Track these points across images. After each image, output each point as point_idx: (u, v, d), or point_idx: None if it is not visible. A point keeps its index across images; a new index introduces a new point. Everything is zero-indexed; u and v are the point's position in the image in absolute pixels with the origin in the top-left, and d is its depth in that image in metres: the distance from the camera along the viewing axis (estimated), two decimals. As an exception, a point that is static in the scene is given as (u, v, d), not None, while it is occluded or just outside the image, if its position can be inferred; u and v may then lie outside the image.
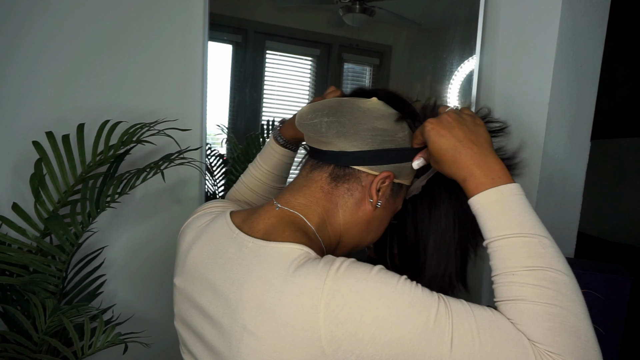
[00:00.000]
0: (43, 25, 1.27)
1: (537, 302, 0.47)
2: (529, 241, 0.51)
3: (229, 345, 0.53)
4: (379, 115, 0.60)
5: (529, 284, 0.48)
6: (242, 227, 0.60)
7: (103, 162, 1.18)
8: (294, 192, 0.63)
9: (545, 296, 0.48)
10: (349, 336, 0.46)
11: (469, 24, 1.30)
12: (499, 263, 0.51)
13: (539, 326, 0.46)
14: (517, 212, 0.53)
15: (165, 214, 1.44)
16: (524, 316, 0.47)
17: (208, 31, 1.39)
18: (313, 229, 0.59)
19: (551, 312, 0.47)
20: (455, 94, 1.36)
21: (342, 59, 1.52)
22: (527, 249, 0.50)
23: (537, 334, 0.46)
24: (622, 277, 1.01)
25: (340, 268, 0.49)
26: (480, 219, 0.54)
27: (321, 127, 0.60)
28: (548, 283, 0.48)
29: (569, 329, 0.47)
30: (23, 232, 1.13)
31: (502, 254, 0.51)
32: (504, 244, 0.51)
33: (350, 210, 0.61)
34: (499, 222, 0.53)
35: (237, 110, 1.48)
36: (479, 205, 0.54)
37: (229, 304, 0.54)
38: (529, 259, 0.50)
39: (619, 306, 1.01)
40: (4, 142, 1.27)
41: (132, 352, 1.11)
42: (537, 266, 0.49)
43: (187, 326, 0.63)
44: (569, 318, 0.47)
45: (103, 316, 1.09)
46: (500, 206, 0.53)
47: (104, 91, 1.34)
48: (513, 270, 0.50)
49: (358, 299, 0.47)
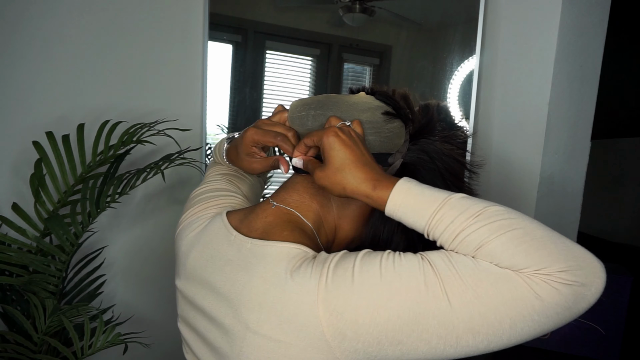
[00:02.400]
0: (43, 26, 1.27)
1: (499, 234, 0.46)
2: (453, 202, 0.50)
3: (233, 345, 0.53)
4: (365, 108, 0.61)
5: (482, 226, 0.47)
6: (240, 227, 0.61)
7: (103, 162, 1.18)
8: (288, 190, 0.64)
9: (501, 227, 0.46)
10: (351, 324, 0.47)
11: (469, 24, 1.30)
12: (445, 236, 0.50)
13: (515, 253, 0.45)
14: (422, 194, 0.52)
15: (166, 214, 1.44)
16: (497, 253, 0.46)
17: (208, 31, 1.39)
18: (310, 226, 0.60)
19: (516, 235, 0.46)
20: (455, 94, 1.36)
21: (342, 59, 1.52)
22: (457, 209, 0.49)
23: (517, 261, 0.45)
24: (622, 277, 1.01)
25: (332, 262, 0.50)
26: (405, 221, 0.53)
27: (307, 120, 0.61)
28: (496, 216, 0.47)
29: (541, 239, 0.46)
30: (23, 232, 1.13)
31: (441, 227, 0.50)
32: (437, 220, 0.50)
33: (343, 203, 0.63)
34: (418, 212, 0.51)
35: (237, 110, 1.48)
36: (395, 209, 0.53)
37: (231, 305, 0.55)
38: (464, 213, 0.49)
39: (619, 306, 1.01)
40: (4, 142, 1.27)
41: (132, 352, 1.11)
42: (476, 212, 0.48)
43: (191, 327, 0.63)
44: (536, 231, 0.46)
45: (103, 316, 1.09)
46: (408, 202, 0.52)
47: (104, 91, 1.34)
48: (460, 229, 0.48)
49: (349, 286, 0.48)
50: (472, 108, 1.30)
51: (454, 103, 1.37)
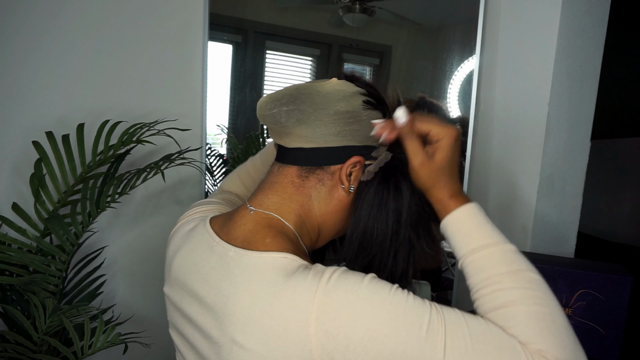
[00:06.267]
0: (43, 26, 1.27)
1: (528, 303, 0.48)
2: (503, 248, 0.52)
3: (220, 356, 0.52)
4: (340, 97, 0.58)
5: (517, 287, 0.49)
6: (221, 234, 0.59)
7: (103, 162, 1.18)
8: (266, 191, 0.61)
9: (534, 297, 0.48)
10: (341, 348, 0.46)
11: (469, 24, 1.30)
12: (479, 276, 0.52)
13: (533, 327, 0.47)
14: (484, 225, 0.55)
15: (166, 214, 1.44)
16: (518, 319, 0.47)
17: (208, 31, 1.39)
18: (292, 228, 0.58)
19: (542, 312, 0.48)
20: (455, 94, 1.36)
21: (342, 59, 1.52)
22: (505, 256, 0.52)
23: (530, 335, 0.46)
24: (622, 277, 1.01)
25: (330, 279, 0.48)
26: (453, 237, 0.56)
27: (280, 117, 0.57)
28: (533, 285, 0.50)
29: (559, 327, 0.47)
30: (23, 232, 1.13)
31: (480, 265, 0.52)
32: (481, 255, 0.53)
33: (324, 199, 0.60)
34: (471, 236, 0.54)
35: (237, 110, 1.49)
36: (450, 224, 0.56)
37: (216, 317, 0.53)
38: (510, 264, 0.51)
39: (619, 306, 1.01)
40: (4, 142, 1.27)
41: (132, 352, 1.11)
42: (519, 269, 0.50)
43: (180, 334, 0.62)
44: (558, 317, 0.48)
45: (103, 316, 1.09)
46: (470, 222, 0.55)
47: (104, 91, 1.34)
48: (497, 279, 0.50)
49: (349, 311, 0.46)
50: (472, 108, 1.30)
51: (454, 103, 1.37)
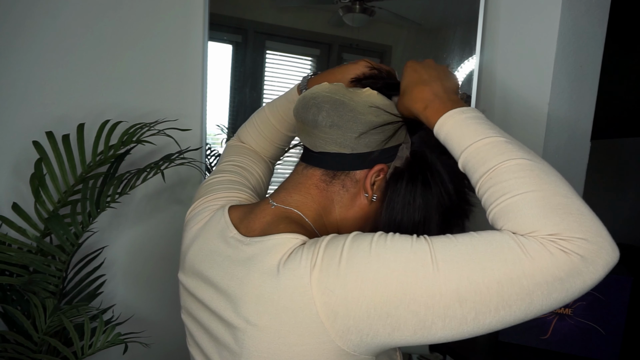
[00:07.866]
0: (43, 25, 1.27)
1: (518, 193, 0.46)
2: (494, 141, 0.51)
3: (236, 339, 0.54)
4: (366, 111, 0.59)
5: (508, 179, 0.48)
6: (239, 226, 0.61)
7: (103, 162, 1.18)
8: (289, 190, 0.62)
9: (525, 184, 0.47)
10: (342, 300, 0.47)
11: (469, 24, 1.30)
12: (475, 173, 0.51)
13: (526, 215, 0.45)
14: (478, 123, 0.53)
15: (165, 214, 1.44)
16: (511, 212, 0.46)
17: (208, 31, 1.39)
18: (310, 223, 0.60)
19: (533, 197, 0.46)
20: (455, 94, 1.36)
21: (342, 59, 1.52)
22: (497, 148, 0.50)
23: (526, 224, 0.45)
24: (622, 277, 1.01)
25: (322, 244, 0.51)
26: (448, 139, 0.54)
27: (319, 117, 0.58)
28: (525, 172, 0.47)
29: (555, 207, 0.45)
30: (23, 232, 1.13)
31: (474, 162, 0.51)
32: (472, 151, 0.51)
33: (346, 205, 0.62)
34: (464, 134, 0.52)
35: (237, 110, 1.48)
36: (444, 124, 0.54)
37: (230, 299, 0.55)
38: (499, 156, 0.49)
39: (619, 306, 1.01)
40: (4, 142, 1.27)
41: (132, 352, 1.12)
42: (502, 161, 0.49)
43: (194, 319, 0.64)
44: (554, 197, 0.46)
45: (103, 316, 1.09)
46: (463, 121, 0.53)
47: (104, 91, 1.34)
48: (489, 173, 0.49)
49: (339, 263, 0.48)
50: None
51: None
